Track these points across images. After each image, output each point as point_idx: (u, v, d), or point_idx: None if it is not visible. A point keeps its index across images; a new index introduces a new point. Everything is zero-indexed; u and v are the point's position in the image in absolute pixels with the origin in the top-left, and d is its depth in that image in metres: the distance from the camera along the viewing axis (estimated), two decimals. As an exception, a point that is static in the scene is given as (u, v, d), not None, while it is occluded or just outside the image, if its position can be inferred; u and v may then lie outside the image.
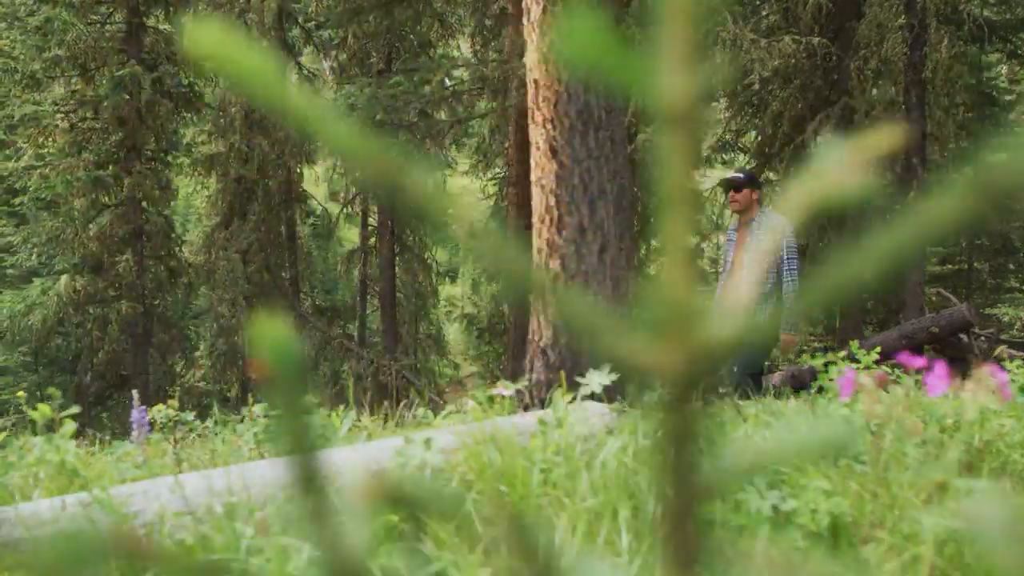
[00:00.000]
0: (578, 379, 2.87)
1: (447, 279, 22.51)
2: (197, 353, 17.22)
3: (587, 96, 3.41)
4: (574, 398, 3.37)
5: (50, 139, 14.26)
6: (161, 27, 15.18)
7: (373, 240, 16.58)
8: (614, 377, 2.85)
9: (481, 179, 18.60)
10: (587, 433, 2.39)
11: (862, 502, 1.99)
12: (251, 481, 2.00)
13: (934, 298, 15.44)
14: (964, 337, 10.97)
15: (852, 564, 1.96)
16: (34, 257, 14.08)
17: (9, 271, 29.27)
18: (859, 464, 2.20)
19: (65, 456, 2.02)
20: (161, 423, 3.38)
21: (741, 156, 15.63)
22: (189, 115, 15.61)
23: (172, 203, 15.10)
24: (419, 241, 16.30)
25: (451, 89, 9.15)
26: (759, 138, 14.06)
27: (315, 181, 18.75)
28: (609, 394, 3.04)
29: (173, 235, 15.12)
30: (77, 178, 13.49)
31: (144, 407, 2.43)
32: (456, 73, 9.61)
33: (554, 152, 3.40)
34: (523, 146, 12.84)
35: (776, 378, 12.05)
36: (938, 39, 10.79)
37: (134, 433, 2.47)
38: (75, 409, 2.00)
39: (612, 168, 3.46)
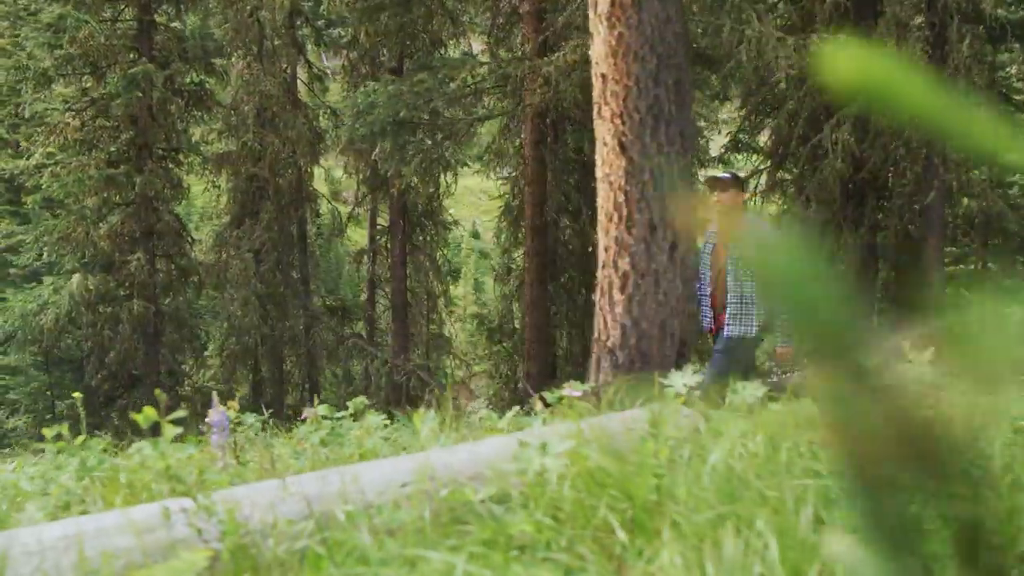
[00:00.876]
0: (661, 380, 2.80)
1: (448, 279, 22.46)
2: (206, 353, 17.11)
3: (657, 90, 3.33)
4: (646, 399, 3.30)
5: (60, 137, 14.14)
6: (172, 24, 15.08)
7: (385, 240, 16.47)
8: (698, 378, 2.77)
9: (491, 178, 18.52)
10: (682, 436, 2.31)
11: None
12: (362, 484, 1.92)
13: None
14: (985, 338, 10.86)
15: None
16: (44, 256, 13.96)
17: (12, 271, 29.21)
18: (978, 470, 2.12)
19: (169, 461, 1.94)
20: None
21: (755, 156, 15.55)
22: (200, 113, 15.51)
23: (183, 202, 14.98)
24: (430, 241, 16.20)
25: (473, 87, 9.07)
26: (774, 138, 13.96)
27: (324, 180, 18.65)
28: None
29: (184, 234, 15.03)
30: (89, 176, 13.38)
31: (224, 410, 2.34)
32: (477, 71, 9.52)
33: (623, 148, 3.32)
34: (539, 144, 12.76)
35: (793, 379, 11.95)
36: (959, 38, 10.72)
37: (214, 437, 2.38)
38: (181, 412, 1.91)
39: (682, 163, 3.38)
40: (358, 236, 22.05)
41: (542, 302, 12.78)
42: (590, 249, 16.08)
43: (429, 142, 10.77)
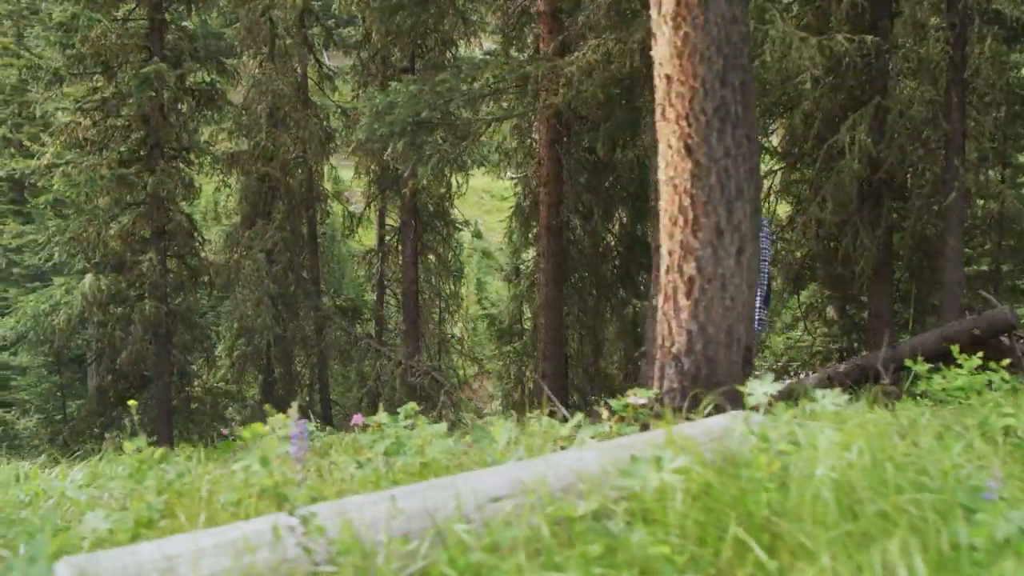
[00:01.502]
0: (741, 389, 2.73)
1: (453, 278, 22.38)
2: (215, 353, 17.01)
3: (723, 91, 3.27)
4: (716, 408, 3.23)
5: (70, 136, 14.03)
6: (183, 24, 14.99)
7: (396, 240, 16.39)
8: (779, 386, 2.71)
9: (501, 179, 18.44)
10: (783, 448, 2.25)
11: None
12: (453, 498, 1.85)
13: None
14: (1006, 339, 10.82)
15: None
16: (56, 256, 13.87)
17: (15, 271, 29.13)
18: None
19: (275, 480, 1.87)
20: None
21: (767, 157, 15.47)
22: (210, 113, 15.42)
23: (196, 201, 14.88)
24: (441, 241, 16.11)
25: (493, 87, 9.01)
26: (788, 137, 13.88)
27: (326, 180, 18.56)
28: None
29: (195, 234, 14.94)
30: (101, 176, 13.28)
31: (304, 421, 2.26)
32: (497, 71, 9.43)
33: (689, 150, 3.26)
34: (554, 144, 12.69)
35: (812, 379, 11.93)
36: (980, 38, 10.66)
37: (293, 449, 2.30)
38: (290, 428, 1.84)
39: (748, 167, 3.32)
40: (363, 237, 21.97)
41: (556, 303, 12.72)
42: (600, 250, 16.05)
43: (446, 143, 10.70)
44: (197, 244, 14.97)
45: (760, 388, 2.69)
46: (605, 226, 15.68)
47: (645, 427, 3.30)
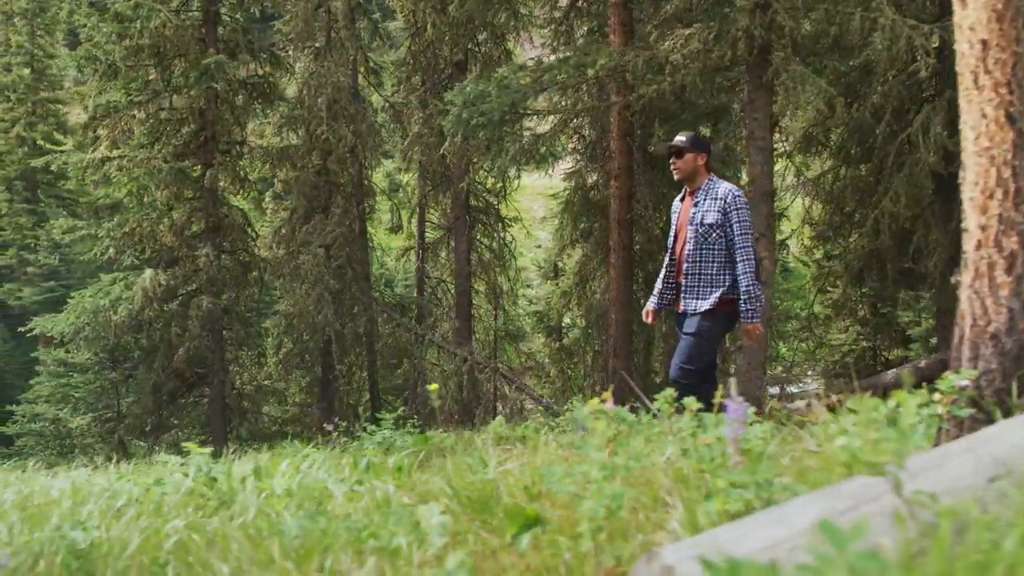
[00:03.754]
0: None
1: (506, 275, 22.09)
2: (259, 349, 16.78)
3: (1047, 57, 3.10)
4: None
5: (123, 130, 13.81)
6: (236, 16, 14.77)
7: (446, 236, 16.18)
8: None
9: (548, 174, 18.26)
10: None
11: None
12: None
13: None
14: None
15: None
16: (112, 250, 13.61)
17: (30, 269, 28.80)
18: None
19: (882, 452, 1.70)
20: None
21: (825, 155, 15.29)
22: (261, 106, 15.19)
23: (252, 195, 14.66)
24: (497, 236, 15.88)
25: (595, 76, 8.83)
26: (857, 132, 13.61)
27: (383, 176, 18.35)
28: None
29: (248, 229, 14.71)
30: (159, 170, 13.06)
31: (744, 401, 2.05)
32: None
33: (1011, 120, 3.09)
34: (626, 137, 12.52)
35: (890, 376, 11.73)
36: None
37: (729, 431, 2.09)
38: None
39: (1072, 137, 3.15)
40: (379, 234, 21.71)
41: (627, 297, 12.53)
42: (649, 242, 15.87)
43: (527, 134, 10.55)
44: (250, 240, 14.75)
45: None
46: (655, 220, 15.53)
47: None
